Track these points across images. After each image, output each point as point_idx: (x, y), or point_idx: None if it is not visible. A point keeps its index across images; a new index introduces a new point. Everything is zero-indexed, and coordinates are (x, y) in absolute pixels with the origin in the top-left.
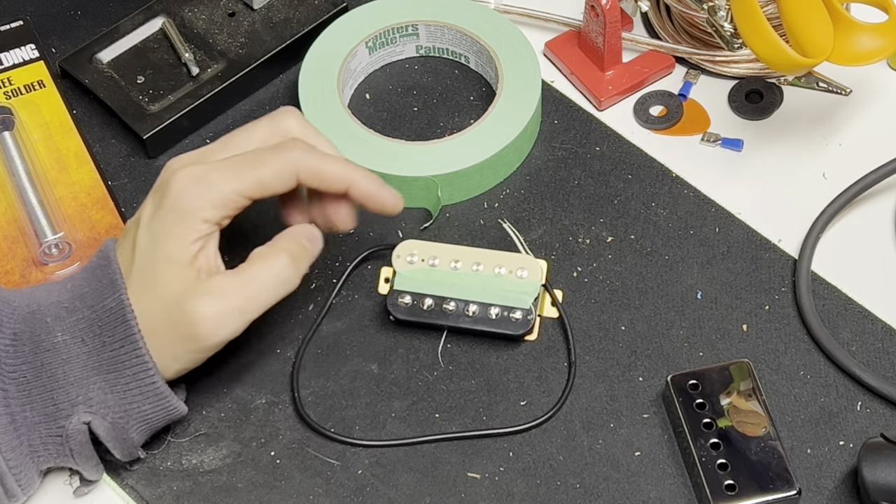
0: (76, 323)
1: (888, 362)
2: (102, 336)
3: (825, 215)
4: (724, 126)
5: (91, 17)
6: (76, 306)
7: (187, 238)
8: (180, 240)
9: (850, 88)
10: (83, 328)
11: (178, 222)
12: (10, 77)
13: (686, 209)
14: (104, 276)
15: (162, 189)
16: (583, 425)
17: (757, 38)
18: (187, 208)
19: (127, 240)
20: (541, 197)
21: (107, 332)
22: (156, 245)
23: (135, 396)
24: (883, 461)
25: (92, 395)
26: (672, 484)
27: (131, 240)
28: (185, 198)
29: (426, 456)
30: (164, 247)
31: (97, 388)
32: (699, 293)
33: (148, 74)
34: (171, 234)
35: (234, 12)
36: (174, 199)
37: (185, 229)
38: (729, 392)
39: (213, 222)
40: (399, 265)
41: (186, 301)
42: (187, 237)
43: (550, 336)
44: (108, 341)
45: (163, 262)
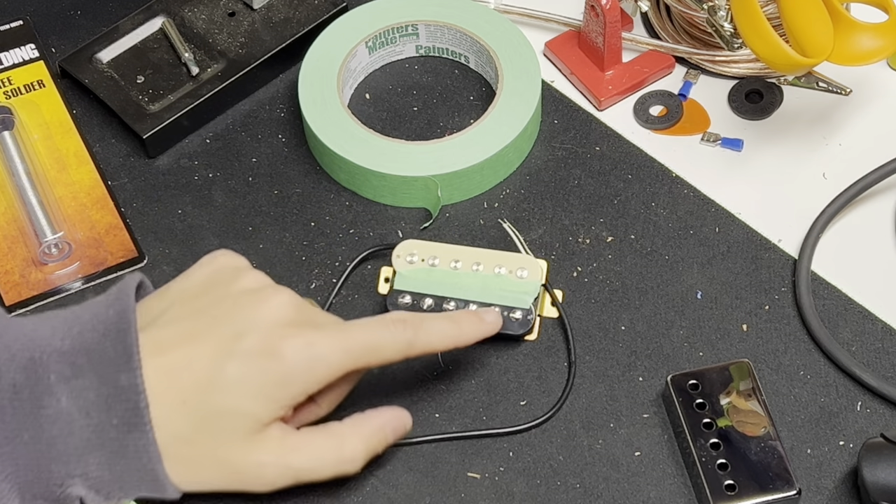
0: (82, 392)
1: (888, 362)
2: (110, 414)
3: (825, 215)
4: (724, 126)
5: (91, 17)
6: (82, 367)
7: (277, 406)
8: (271, 405)
9: (850, 88)
10: (90, 400)
11: (279, 387)
12: (10, 77)
13: (686, 209)
14: (118, 343)
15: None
16: (583, 425)
17: (757, 38)
18: (297, 382)
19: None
20: (541, 197)
21: (115, 412)
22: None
23: (134, 480)
24: (883, 461)
25: (90, 470)
26: (672, 484)
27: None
28: (297, 373)
29: (426, 456)
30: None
31: (96, 465)
32: (699, 293)
33: (148, 74)
34: (261, 394)
35: (234, 12)
36: (285, 366)
37: (282, 398)
38: (729, 392)
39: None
40: (399, 265)
41: (242, 453)
42: (278, 405)
43: (550, 336)
44: (115, 423)
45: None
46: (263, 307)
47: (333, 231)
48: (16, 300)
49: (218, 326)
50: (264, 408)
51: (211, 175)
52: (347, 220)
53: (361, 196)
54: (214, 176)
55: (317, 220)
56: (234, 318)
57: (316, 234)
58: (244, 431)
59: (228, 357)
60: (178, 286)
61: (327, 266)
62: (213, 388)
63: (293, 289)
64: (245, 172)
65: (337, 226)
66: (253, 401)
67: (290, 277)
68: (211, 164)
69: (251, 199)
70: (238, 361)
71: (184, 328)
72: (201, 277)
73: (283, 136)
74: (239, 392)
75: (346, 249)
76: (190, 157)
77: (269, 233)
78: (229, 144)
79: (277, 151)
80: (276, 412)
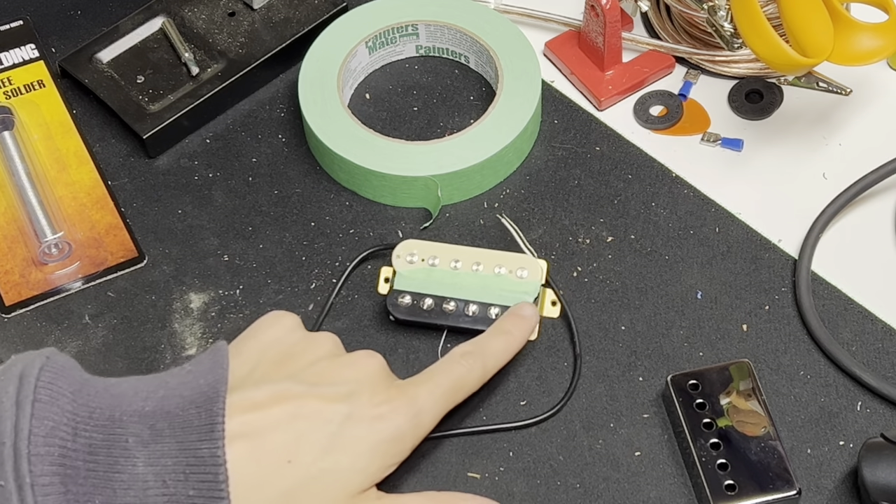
0: (160, 458)
1: (888, 362)
2: (187, 485)
3: (825, 215)
4: (724, 126)
5: (91, 17)
6: (163, 432)
7: (388, 463)
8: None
9: (850, 88)
10: (168, 467)
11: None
12: (10, 77)
13: (686, 209)
14: (204, 412)
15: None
16: (583, 425)
17: (757, 38)
18: (408, 438)
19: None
20: (541, 197)
21: (192, 482)
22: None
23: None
24: (883, 461)
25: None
26: (672, 484)
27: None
28: (407, 429)
29: (426, 456)
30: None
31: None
32: (699, 293)
33: (148, 74)
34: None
35: (234, 12)
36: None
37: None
38: (729, 392)
39: None
40: (399, 265)
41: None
42: (389, 462)
43: (550, 336)
44: (192, 494)
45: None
46: (359, 369)
47: (333, 231)
48: (16, 300)
49: (317, 388)
50: (377, 466)
51: (211, 175)
52: (347, 220)
53: (361, 196)
54: (214, 176)
55: (317, 220)
56: (334, 379)
57: (316, 234)
58: (352, 490)
59: (340, 418)
60: (255, 347)
61: (327, 266)
62: (326, 447)
63: (293, 289)
64: (245, 172)
65: (337, 226)
66: (367, 459)
67: (290, 277)
68: (211, 164)
69: (251, 199)
70: (353, 420)
71: (282, 388)
72: (275, 338)
73: (283, 136)
74: (355, 450)
75: (346, 249)
76: (190, 157)
77: (269, 233)
78: (229, 144)
79: (277, 151)
80: (387, 470)
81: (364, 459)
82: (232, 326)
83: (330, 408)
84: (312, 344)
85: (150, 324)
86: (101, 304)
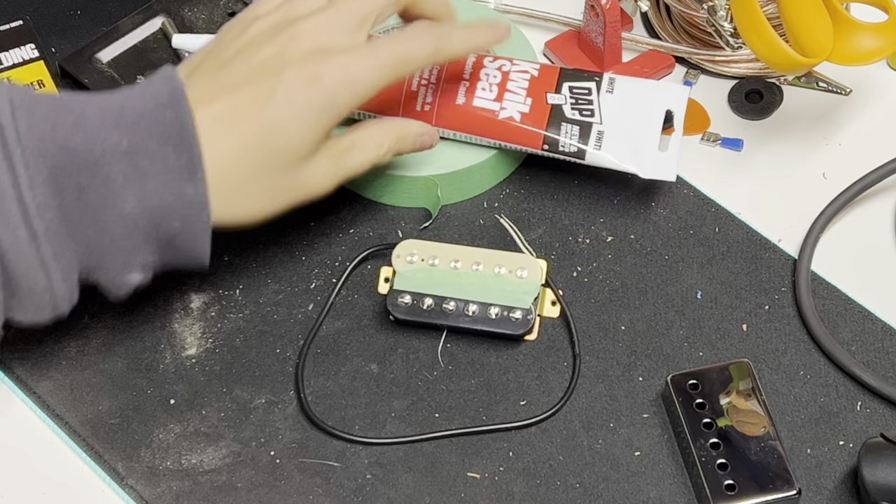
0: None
1: (888, 362)
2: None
3: (825, 215)
4: (724, 126)
5: (91, 17)
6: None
7: (323, 130)
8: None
9: (850, 88)
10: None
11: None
12: (10, 77)
13: (686, 209)
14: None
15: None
16: (583, 425)
17: (757, 38)
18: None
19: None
20: (541, 197)
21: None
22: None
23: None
24: (883, 461)
25: (146, 259)
26: (672, 484)
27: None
28: (338, 98)
29: (426, 456)
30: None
31: (151, 254)
32: (699, 293)
33: (148, 74)
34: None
35: (233, 12)
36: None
37: (327, 122)
38: (729, 392)
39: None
40: (399, 265)
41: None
42: (324, 129)
43: (550, 336)
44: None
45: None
46: (296, 42)
47: (333, 231)
48: None
49: (253, 72)
50: (313, 134)
51: None
52: (347, 220)
53: (361, 196)
54: None
55: (317, 220)
56: (269, 60)
57: (316, 234)
58: (300, 156)
59: (276, 97)
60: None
61: (327, 266)
62: (272, 124)
63: (293, 289)
64: None
65: (337, 226)
66: (304, 130)
67: (290, 277)
68: None
69: None
70: (284, 97)
71: (222, 77)
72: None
73: None
74: (295, 120)
75: (346, 249)
76: None
77: (269, 233)
78: None
79: None
80: (325, 128)
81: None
82: (232, 326)
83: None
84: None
85: (149, 324)
86: (100, 303)
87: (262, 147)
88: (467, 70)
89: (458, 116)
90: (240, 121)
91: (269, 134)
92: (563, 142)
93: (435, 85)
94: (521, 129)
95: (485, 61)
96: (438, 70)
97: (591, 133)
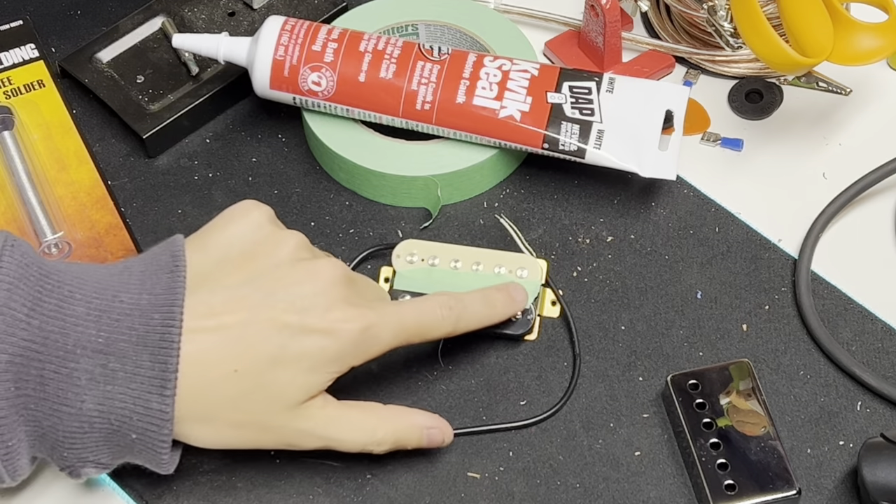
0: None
1: (888, 362)
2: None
3: (825, 215)
4: (724, 126)
5: (91, 17)
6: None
7: (327, 379)
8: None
9: (850, 88)
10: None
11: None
12: (10, 77)
13: (686, 209)
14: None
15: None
16: (583, 425)
17: (757, 37)
18: (350, 359)
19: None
20: (541, 197)
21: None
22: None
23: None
24: (883, 461)
25: (101, 459)
26: (672, 484)
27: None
28: (350, 353)
29: (426, 455)
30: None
31: (108, 456)
32: (699, 293)
33: (148, 74)
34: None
35: (233, 12)
36: (343, 346)
37: (334, 372)
38: (729, 392)
39: None
40: (399, 265)
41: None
42: (328, 378)
43: (550, 336)
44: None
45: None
46: (319, 281)
47: (333, 231)
48: None
49: (273, 297)
50: (316, 381)
51: (211, 175)
52: (347, 220)
53: (361, 196)
54: (214, 176)
55: (317, 220)
56: (291, 290)
57: (316, 234)
58: (293, 401)
59: (290, 332)
60: (219, 241)
61: None
62: (271, 359)
63: None
64: (245, 172)
65: (337, 226)
66: (307, 374)
67: None
68: (211, 164)
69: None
70: (301, 338)
71: (239, 294)
72: (240, 234)
73: (283, 136)
74: (297, 366)
75: (346, 249)
76: (190, 157)
77: None
78: (229, 144)
79: (277, 151)
80: (324, 385)
81: (304, 375)
82: None
83: (282, 318)
84: (278, 244)
85: None
86: None
87: (251, 377)
88: (467, 69)
89: (458, 115)
90: (242, 342)
91: (266, 366)
92: (563, 141)
93: (435, 84)
94: (522, 128)
95: (485, 60)
96: (438, 69)
97: (591, 132)
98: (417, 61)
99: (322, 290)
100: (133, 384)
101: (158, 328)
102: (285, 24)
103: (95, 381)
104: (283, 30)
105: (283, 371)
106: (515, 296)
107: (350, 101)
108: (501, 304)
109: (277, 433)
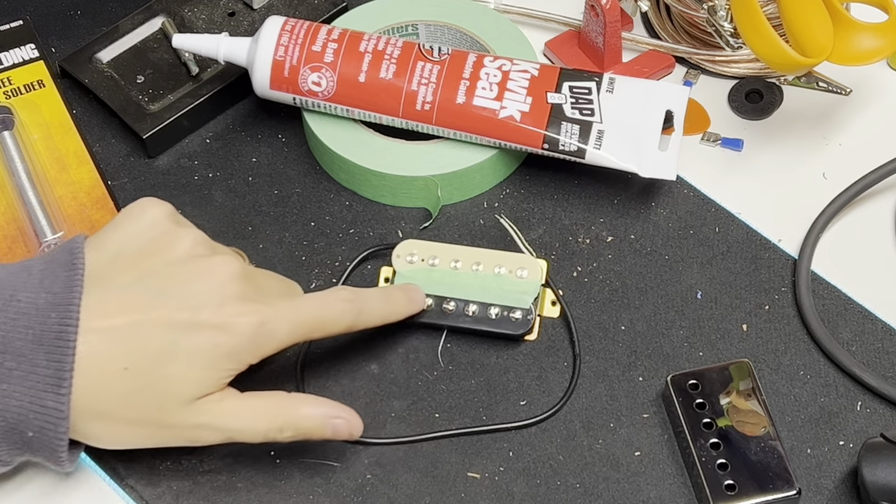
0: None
1: (888, 362)
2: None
3: (825, 215)
4: (724, 126)
5: (91, 17)
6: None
7: (223, 375)
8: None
9: (850, 88)
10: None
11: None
12: (10, 77)
13: (686, 209)
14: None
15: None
16: (583, 425)
17: (757, 38)
18: (246, 355)
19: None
20: (541, 197)
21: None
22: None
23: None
24: (883, 461)
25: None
26: (672, 484)
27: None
28: (246, 349)
29: (426, 456)
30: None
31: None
32: (699, 293)
33: (148, 74)
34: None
35: (233, 12)
36: (237, 342)
37: (229, 369)
38: (729, 392)
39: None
40: (399, 265)
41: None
42: (224, 374)
43: (550, 336)
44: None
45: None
46: (213, 278)
47: (333, 231)
48: None
49: (165, 295)
50: (212, 377)
51: (211, 175)
52: (347, 220)
53: (361, 196)
54: (214, 176)
55: (317, 220)
56: (184, 288)
57: (316, 234)
58: (188, 397)
59: (181, 328)
60: (115, 240)
61: (327, 266)
62: (163, 356)
63: None
64: (245, 172)
65: (337, 226)
66: (201, 371)
67: (290, 277)
68: (211, 164)
69: (251, 199)
70: (192, 334)
71: (131, 294)
72: (136, 232)
73: (283, 136)
74: (189, 363)
75: (346, 249)
76: (190, 157)
77: (269, 233)
78: (229, 144)
79: (277, 151)
80: (221, 381)
81: (197, 371)
82: None
83: (173, 316)
84: (174, 241)
85: None
86: None
87: (142, 375)
88: (467, 69)
89: (458, 115)
90: (132, 341)
91: (156, 363)
92: (563, 141)
93: (435, 84)
94: (522, 128)
95: (485, 61)
96: (438, 69)
97: (591, 132)
98: (417, 61)
99: (216, 286)
100: (28, 382)
101: (55, 327)
102: (285, 25)
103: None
104: (283, 30)
105: (176, 368)
106: (414, 296)
107: (350, 101)
108: (401, 303)
109: (175, 430)
